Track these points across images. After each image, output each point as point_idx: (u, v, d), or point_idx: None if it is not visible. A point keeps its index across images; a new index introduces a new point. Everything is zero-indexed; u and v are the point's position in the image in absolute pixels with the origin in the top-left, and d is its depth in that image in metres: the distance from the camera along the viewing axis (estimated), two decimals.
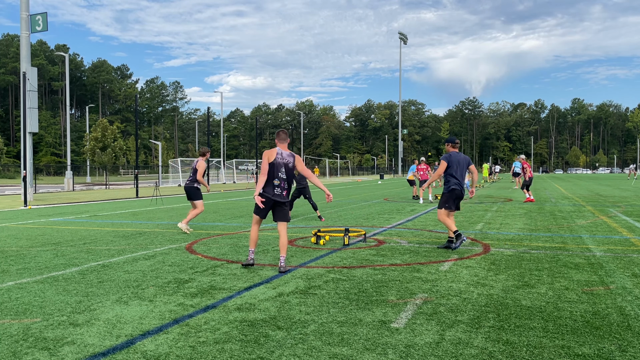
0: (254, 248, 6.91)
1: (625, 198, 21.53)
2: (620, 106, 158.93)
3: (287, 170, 6.75)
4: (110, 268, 7.01)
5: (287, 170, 6.75)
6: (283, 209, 6.81)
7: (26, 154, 21.42)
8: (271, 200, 6.70)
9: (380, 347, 3.94)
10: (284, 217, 6.81)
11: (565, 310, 4.86)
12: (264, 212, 6.79)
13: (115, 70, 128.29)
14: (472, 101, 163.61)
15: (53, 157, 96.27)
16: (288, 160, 6.78)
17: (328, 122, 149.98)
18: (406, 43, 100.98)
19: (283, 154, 6.76)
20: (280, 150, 6.79)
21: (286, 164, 6.75)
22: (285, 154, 6.80)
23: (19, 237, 10.34)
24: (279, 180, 6.69)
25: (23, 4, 22.85)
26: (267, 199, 6.70)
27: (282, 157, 6.74)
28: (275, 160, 6.68)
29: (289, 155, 6.82)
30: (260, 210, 6.77)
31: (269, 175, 6.69)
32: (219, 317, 4.71)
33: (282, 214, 6.81)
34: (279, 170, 6.70)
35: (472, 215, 13.96)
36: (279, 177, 6.69)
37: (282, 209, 6.81)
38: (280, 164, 6.70)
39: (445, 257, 7.63)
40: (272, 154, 6.69)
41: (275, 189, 6.69)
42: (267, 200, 6.70)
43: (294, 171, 6.89)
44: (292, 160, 6.81)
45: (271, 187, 6.70)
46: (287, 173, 6.75)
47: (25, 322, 4.60)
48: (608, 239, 9.45)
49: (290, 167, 6.79)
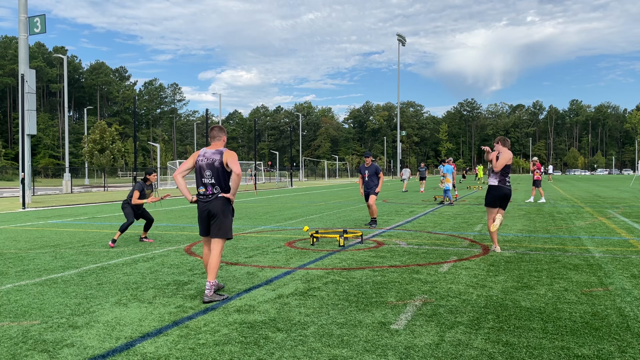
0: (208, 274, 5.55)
1: (624, 199, 21.56)
2: (618, 107, 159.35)
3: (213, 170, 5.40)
4: (109, 270, 7.01)
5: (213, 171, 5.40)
6: (220, 218, 5.44)
7: (24, 156, 21.40)
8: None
9: (380, 348, 3.94)
10: (215, 229, 5.47)
11: (565, 312, 4.86)
12: (203, 227, 5.57)
13: (113, 72, 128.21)
14: (470, 102, 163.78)
15: (51, 159, 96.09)
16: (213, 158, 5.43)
17: (327, 124, 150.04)
18: (404, 44, 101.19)
19: (206, 154, 5.47)
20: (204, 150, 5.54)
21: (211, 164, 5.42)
22: (210, 152, 5.47)
23: (17, 239, 10.32)
24: (204, 187, 5.44)
25: (21, 6, 22.84)
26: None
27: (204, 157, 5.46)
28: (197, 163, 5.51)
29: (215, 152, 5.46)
30: (200, 224, 5.61)
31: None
32: (218, 319, 4.71)
33: (213, 225, 5.48)
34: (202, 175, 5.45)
35: (470, 217, 13.97)
36: (202, 182, 5.44)
37: (220, 218, 5.44)
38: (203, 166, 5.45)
39: (445, 259, 7.63)
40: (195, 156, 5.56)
41: (200, 196, 5.50)
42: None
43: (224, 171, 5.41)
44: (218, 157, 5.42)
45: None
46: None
47: (25, 325, 4.59)
48: (607, 240, 9.47)
49: (217, 165, 5.39)
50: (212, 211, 5.38)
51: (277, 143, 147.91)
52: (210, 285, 5.32)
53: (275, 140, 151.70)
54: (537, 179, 20.49)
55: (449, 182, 19.43)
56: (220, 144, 5.55)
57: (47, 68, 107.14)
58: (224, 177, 5.38)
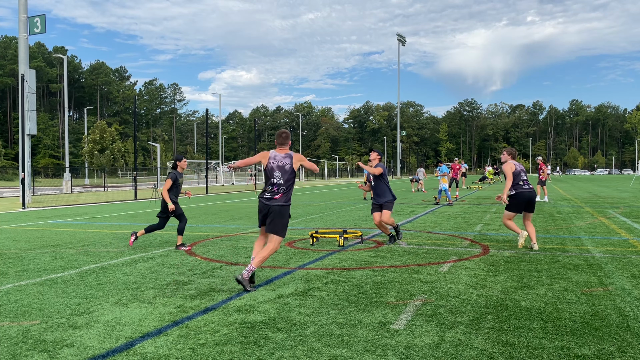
0: (254, 256, 6.15)
1: (624, 199, 21.56)
2: (618, 107, 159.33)
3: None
4: (109, 270, 7.01)
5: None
6: (276, 218, 5.94)
7: (24, 156, 21.40)
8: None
9: (380, 348, 3.94)
10: (271, 225, 5.96)
11: (565, 312, 4.86)
12: (262, 220, 6.08)
13: (113, 72, 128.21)
14: (470, 102, 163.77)
15: (51, 159, 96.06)
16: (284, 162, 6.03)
17: (327, 124, 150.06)
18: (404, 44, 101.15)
19: (277, 157, 6.04)
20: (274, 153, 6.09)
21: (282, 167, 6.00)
22: (280, 156, 6.05)
23: (17, 239, 10.32)
24: (271, 186, 5.98)
25: (21, 6, 22.83)
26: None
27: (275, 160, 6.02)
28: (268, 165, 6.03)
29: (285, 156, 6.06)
30: (260, 217, 6.12)
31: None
32: (218, 319, 4.71)
33: (270, 221, 5.97)
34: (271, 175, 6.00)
35: (471, 217, 13.97)
36: (271, 182, 5.98)
37: (276, 218, 5.95)
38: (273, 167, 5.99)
39: (445, 259, 7.64)
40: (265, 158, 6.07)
41: (266, 193, 6.01)
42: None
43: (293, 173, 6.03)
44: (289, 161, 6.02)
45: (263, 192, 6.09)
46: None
47: (25, 325, 4.59)
48: (607, 240, 9.47)
49: (288, 169, 5.98)
50: (272, 210, 5.90)
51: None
52: (250, 269, 5.76)
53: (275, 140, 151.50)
54: (542, 178, 20.48)
55: (445, 183, 19.52)
56: (287, 149, 6.14)
57: (47, 68, 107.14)
58: (291, 179, 6.01)
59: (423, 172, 31.01)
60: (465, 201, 20.56)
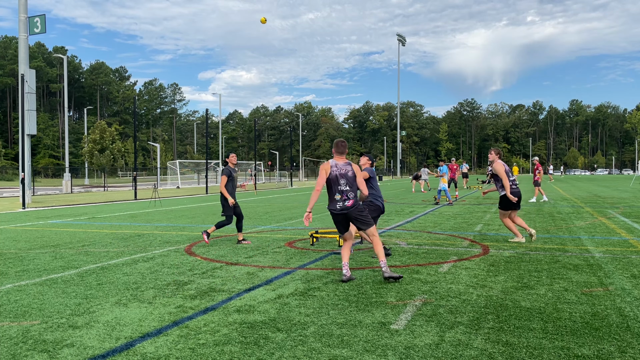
0: (346, 261, 6.37)
1: (624, 199, 21.56)
2: (618, 107, 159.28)
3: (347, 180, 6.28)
4: (109, 270, 7.01)
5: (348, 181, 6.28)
6: (358, 216, 6.31)
7: (24, 156, 21.40)
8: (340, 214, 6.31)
9: (380, 348, 3.94)
10: (361, 225, 6.35)
11: (565, 312, 4.86)
12: (342, 228, 6.41)
13: (113, 72, 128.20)
14: (470, 102, 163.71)
15: (51, 159, 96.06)
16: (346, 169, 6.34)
17: (327, 124, 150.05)
18: (404, 44, 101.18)
19: (338, 165, 6.35)
20: (334, 161, 6.38)
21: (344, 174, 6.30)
22: (341, 164, 6.37)
23: (17, 239, 10.32)
24: (339, 194, 6.26)
25: (21, 6, 22.84)
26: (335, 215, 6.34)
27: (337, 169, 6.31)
28: (331, 174, 6.28)
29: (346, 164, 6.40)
30: (339, 227, 6.42)
31: (329, 191, 6.33)
32: (218, 319, 4.71)
33: (357, 222, 6.35)
34: (337, 184, 6.27)
35: (471, 217, 13.97)
36: (339, 190, 6.26)
37: (358, 217, 6.32)
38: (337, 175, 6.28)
39: (445, 259, 7.64)
40: (327, 168, 6.31)
41: (337, 203, 6.29)
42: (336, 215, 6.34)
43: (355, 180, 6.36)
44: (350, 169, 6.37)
45: (334, 203, 6.31)
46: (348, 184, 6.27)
47: (25, 325, 4.59)
48: (607, 240, 9.47)
49: (351, 175, 6.32)
50: (349, 215, 6.26)
51: (277, 143, 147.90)
52: (384, 264, 6.18)
53: (275, 140, 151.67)
54: (537, 179, 20.50)
55: (444, 183, 19.59)
56: (344, 157, 6.51)
57: (47, 68, 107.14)
58: (355, 185, 6.35)
59: (427, 171, 31.01)
60: (465, 201, 20.56)
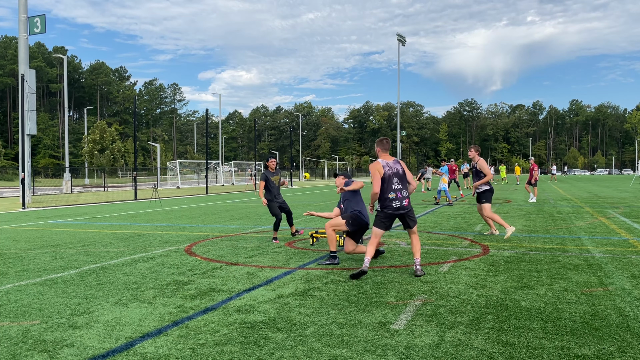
0: (369, 257, 6.43)
1: (624, 199, 21.56)
2: (618, 107, 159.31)
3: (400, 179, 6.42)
4: (109, 270, 7.01)
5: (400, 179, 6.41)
6: (411, 215, 6.47)
7: (24, 156, 21.40)
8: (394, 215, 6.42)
9: (380, 348, 3.94)
10: (412, 223, 6.50)
11: (565, 312, 4.86)
12: (386, 226, 6.49)
13: (113, 72, 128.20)
14: (470, 102, 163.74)
15: (51, 159, 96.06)
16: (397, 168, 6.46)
17: (327, 124, 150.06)
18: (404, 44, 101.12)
19: (389, 164, 6.45)
20: (384, 161, 6.46)
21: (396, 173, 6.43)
22: (391, 162, 6.48)
23: (17, 239, 10.32)
24: (394, 193, 6.36)
25: (21, 6, 22.84)
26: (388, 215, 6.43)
27: (390, 168, 6.42)
28: (385, 173, 6.35)
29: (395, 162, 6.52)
30: (384, 223, 6.47)
31: (381, 190, 6.38)
32: (218, 319, 4.71)
33: (410, 221, 6.48)
34: (391, 182, 6.37)
35: (471, 217, 13.97)
36: (393, 189, 6.36)
37: (411, 215, 6.48)
38: (390, 175, 6.38)
39: (444, 259, 7.64)
40: (380, 168, 6.37)
41: (393, 202, 6.37)
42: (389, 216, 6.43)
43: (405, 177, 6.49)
44: (400, 167, 6.50)
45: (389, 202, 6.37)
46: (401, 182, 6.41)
47: (25, 325, 4.59)
48: (607, 240, 9.47)
49: (402, 173, 6.45)
50: (407, 215, 6.41)
51: (277, 143, 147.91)
52: (419, 262, 6.46)
53: (275, 140, 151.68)
54: (532, 179, 20.47)
55: (445, 182, 19.64)
56: (389, 153, 6.62)
57: (47, 68, 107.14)
58: (405, 182, 6.47)
59: (432, 170, 31.07)
60: (466, 201, 20.56)
